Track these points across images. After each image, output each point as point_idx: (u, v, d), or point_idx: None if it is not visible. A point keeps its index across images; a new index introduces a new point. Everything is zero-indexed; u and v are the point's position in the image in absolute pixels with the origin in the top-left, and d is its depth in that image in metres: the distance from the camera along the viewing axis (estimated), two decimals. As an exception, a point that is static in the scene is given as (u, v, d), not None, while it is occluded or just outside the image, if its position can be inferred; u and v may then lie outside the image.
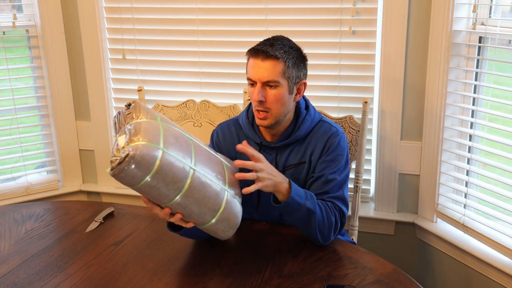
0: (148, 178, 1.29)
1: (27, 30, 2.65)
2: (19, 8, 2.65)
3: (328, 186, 1.69)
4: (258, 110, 1.69)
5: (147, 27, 2.59)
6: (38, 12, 2.62)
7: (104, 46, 2.66)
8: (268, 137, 1.78)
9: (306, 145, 1.75)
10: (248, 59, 1.70)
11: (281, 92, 1.66)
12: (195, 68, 2.56)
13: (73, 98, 2.77)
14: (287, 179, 1.59)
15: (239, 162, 1.52)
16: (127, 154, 1.29)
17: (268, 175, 1.53)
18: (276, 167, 1.74)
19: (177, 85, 2.62)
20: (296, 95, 1.72)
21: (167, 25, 2.56)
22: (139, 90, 2.34)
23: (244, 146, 1.54)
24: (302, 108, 1.77)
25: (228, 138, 1.84)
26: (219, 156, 1.58)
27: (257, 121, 1.72)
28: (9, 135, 2.68)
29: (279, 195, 1.57)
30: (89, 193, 2.88)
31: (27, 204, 2.09)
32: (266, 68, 1.63)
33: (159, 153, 1.30)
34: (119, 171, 1.30)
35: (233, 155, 1.76)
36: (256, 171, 1.52)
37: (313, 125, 1.77)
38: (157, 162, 1.29)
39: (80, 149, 2.84)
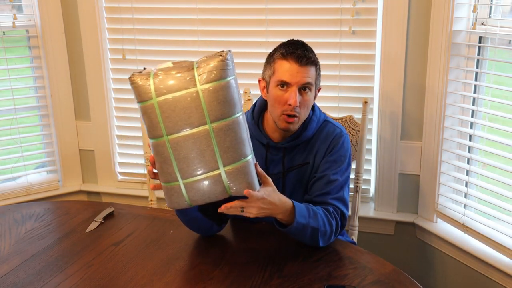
0: (231, 78, 1.38)
1: (27, 30, 2.65)
2: (19, 8, 2.65)
3: (329, 186, 1.69)
4: (288, 115, 1.66)
5: (147, 27, 2.59)
6: (38, 12, 2.62)
7: (104, 46, 2.66)
8: (275, 138, 1.77)
9: (311, 145, 1.75)
10: (275, 62, 1.67)
11: (311, 97, 1.68)
12: (195, 68, 2.56)
13: (73, 98, 2.78)
14: (288, 203, 1.54)
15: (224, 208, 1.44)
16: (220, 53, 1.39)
17: (264, 210, 1.48)
18: (283, 167, 1.74)
19: (177, 85, 2.61)
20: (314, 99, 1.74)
21: (167, 25, 2.56)
22: (139, 90, 2.33)
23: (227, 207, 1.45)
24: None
25: None
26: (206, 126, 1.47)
27: (283, 125, 1.68)
28: (9, 135, 2.68)
29: (283, 220, 1.55)
30: (89, 193, 2.88)
31: (27, 204, 2.09)
32: (306, 72, 1.64)
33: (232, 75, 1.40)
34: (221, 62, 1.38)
35: None
36: (242, 207, 1.45)
37: (319, 125, 1.77)
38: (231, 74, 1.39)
39: (80, 149, 2.84)
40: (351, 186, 2.17)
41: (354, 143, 2.10)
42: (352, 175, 2.12)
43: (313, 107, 1.79)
